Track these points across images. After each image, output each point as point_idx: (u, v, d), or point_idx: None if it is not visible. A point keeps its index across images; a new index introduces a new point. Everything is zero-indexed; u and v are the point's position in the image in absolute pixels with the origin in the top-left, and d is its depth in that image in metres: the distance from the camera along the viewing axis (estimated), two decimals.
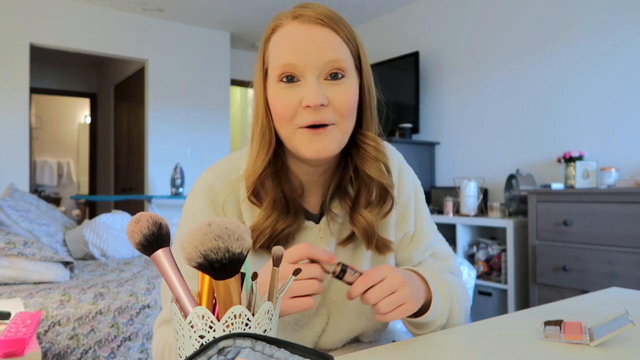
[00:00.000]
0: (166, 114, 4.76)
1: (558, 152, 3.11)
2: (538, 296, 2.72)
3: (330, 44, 0.71)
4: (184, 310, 0.52)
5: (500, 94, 3.52)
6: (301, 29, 0.71)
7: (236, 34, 5.13)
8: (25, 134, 4.07)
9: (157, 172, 4.69)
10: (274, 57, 0.73)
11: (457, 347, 0.70)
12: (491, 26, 3.59)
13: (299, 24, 0.72)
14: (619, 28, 2.88)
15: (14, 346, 1.07)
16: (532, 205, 2.74)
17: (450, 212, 3.38)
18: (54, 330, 1.53)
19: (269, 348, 0.45)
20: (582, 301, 0.97)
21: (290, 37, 0.71)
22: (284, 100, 0.71)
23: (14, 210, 2.27)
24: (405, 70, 3.99)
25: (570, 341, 0.69)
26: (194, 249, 0.47)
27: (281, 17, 0.75)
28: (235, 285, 0.50)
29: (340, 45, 0.72)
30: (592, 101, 3.00)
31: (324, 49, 0.70)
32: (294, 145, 0.74)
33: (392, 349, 0.70)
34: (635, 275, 2.32)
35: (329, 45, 0.71)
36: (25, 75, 4.06)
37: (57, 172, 7.70)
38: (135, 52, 4.61)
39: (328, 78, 0.72)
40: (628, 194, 2.37)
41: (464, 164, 3.75)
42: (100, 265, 2.20)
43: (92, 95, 6.70)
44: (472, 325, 0.81)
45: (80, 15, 4.31)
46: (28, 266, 1.77)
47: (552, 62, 3.20)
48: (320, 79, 0.71)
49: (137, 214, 0.53)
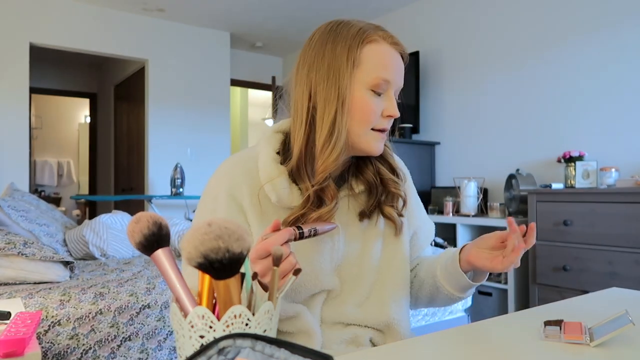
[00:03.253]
0: (166, 114, 4.76)
1: (558, 152, 3.11)
2: (538, 296, 2.72)
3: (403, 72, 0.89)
4: (184, 310, 0.52)
5: (501, 94, 3.52)
6: (394, 54, 0.86)
7: (236, 34, 5.13)
8: (25, 134, 4.07)
9: (157, 172, 4.69)
10: (373, 66, 0.84)
11: (457, 347, 0.70)
12: (491, 26, 3.59)
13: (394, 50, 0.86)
14: (619, 28, 2.88)
15: (14, 346, 1.06)
16: (532, 205, 2.74)
17: (450, 212, 3.38)
18: (54, 330, 1.53)
19: (269, 348, 0.45)
20: (582, 301, 0.97)
21: (389, 57, 0.85)
22: (373, 107, 0.84)
23: (14, 210, 2.27)
24: (405, 70, 3.99)
25: (570, 341, 0.69)
26: (194, 249, 0.47)
27: (372, 34, 0.85)
28: (235, 285, 0.50)
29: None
30: (592, 101, 3.00)
31: (402, 76, 0.89)
32: (362, 142, 0.86)
33: (392, 349, 0.71)
34: (635, 275, 2.32)
35: (403, 73, 0.89)
36: (25, 75, 4.06)
37: (57, 172, 7.70)
38: (135, 52, 4.61)
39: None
40: (628, 194, 2.37)
41: (464, 164, 3.75)
42: (100, 265, 2.20)
43: (92, 95, 6.70)
44: (472, 325, 0.82)
45: (80, 15, 4.31)
46: (28, 266, 1.77)
47: (552, 62, 3.20)
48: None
49: (137, 214, 0.53)
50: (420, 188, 3.76)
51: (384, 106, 0.85)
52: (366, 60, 0.83)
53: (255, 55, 5.75)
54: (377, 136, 0.86)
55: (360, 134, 0.85)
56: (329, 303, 0.88)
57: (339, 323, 0.88)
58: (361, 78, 0.83)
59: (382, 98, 0.85)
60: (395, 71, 0.85)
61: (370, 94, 0.83)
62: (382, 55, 0.84)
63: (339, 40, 0.84)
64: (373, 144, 0.86)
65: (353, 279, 0.89)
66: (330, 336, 0.87)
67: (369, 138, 0.85)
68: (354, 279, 0.89)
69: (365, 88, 0.83)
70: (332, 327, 0.88)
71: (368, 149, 0.86)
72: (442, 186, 3.77)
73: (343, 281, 0.88)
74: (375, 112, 0.84)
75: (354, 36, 0.84)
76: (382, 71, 0.83)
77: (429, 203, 3.72)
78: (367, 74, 0.83)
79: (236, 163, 0.89)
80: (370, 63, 0.83)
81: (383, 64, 0.84)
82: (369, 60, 0.83)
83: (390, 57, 0.85)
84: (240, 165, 0.88)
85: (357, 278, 0.89)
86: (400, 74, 0.87)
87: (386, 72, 0.84)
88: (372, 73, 0.83)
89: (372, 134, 0.85)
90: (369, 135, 0.85)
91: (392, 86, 0.85)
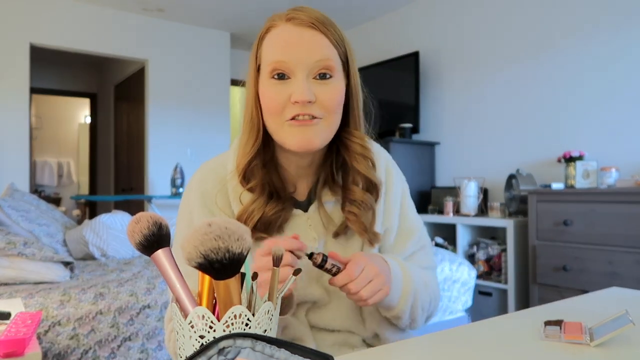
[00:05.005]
0: (166, 114, 4.76)
1: (558, 152, 3.11)
2: (538, 296, 2.72)
3: (319, 45, 0.76)
4: (184, 310, 0.52)
5: (501, 94, 3.52)
6: (293, 31, 0.76)
7: (236, 34, 5.13)
8: (25, 134, 4.07)
9: (157, 172, 4.69)
10: (266, 55, 0.78)
11: (457, 347, 0.70)
12: (491, 26, 3.59)
13: (292, 26, 0.76)
14: (619, 28, 2.88)
15: (14, 346, 1.07)
16: (532, 205, 2.74)
17: (450, 212, 3.38)
18: (54, 330, 1.53)
19: (269, 348, 0.45)
20: (582, 301, 0.97)
21: (283, 37, 0.76)
22: (273, 95, 0.76)
23: (14, 210, 2.27)
24: (405, 70, 3.99)
25: (570, 341, 0.69)
26: (194, 249, 0.47)
27: (275, 19, 0.79)
28: (235, 285, 0.50)
29: (328, 47, 0.77)
30: (592, 101, 3.00)
31: (314, 50, 0.76)
32: (280, 137, 0.79)
33: (392, 349, 0.71)
34: (635, 275, 2.32)
35: (318, 46, 0.76)
36: (25, 75, 4.06)
37: (57, 172, 7.70)
38: (135, 52, 4.61)
39: (317, 77, 0.77)
40: (628, 194, 2.37)
41: (464, 164, 3.75)
42: (100, 265, 2.20)
43: (92, 95, 6.70)
44: (472, 325, 0.82)
45: (80, 15, 4.31)
46: (28, 266, 1.77)
47: (553, 62, 3.20)
48: (310, 77, 0.76)
49: (137, 214, 0.53)
50: (420, 188, 3.76)
51: (291, 92, 0.75)
52: (263, 52, 0.79)
53: None
54: (293, 129, 0.76)
55: (276, 128, 0.78)
56: (315, 311, 0.86)
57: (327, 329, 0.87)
58: (262, 72, 0.79)
59: (288, 83, 0.76)
60: (293, 48, 0.75)
61: (271, 83, 0.77)
62: (275, 38, 0.77)
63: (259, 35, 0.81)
64: (288, 138, 0.77)
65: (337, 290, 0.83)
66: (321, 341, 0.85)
67: (286, 131, 0.77)
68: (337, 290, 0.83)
69: (266, 79, 0.78)
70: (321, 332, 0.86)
71: (285, 144, 0.78)
72: (442, 186, 3.77)
73: (328, 292, 0.85)
74: (274, 99, 0.76)
75: (262, 29, 0.80)
76: (275, 55, 0.76)
77: (429, 203, 3.72)
78: (264, 66, 0.78)
79: (207, 173, 0.86)
80: (265, 53, 0.78)
81: (275, 46, 0.76)
82: (265, 51, 0.78)
83: (286, 35, 0.76)
84: (211, 175, 0.86)
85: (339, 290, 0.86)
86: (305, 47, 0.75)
87: (278, 54, 0.76)
88: (266, 62, 0.77)
89: (287, 125, 0.77)
90: (285, 128, 0.77)
91: (295, 67, 0.75)
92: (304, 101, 0.74)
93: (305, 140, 0.76)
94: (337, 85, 0.79)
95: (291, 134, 0.77)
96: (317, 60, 0.75)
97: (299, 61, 0.75)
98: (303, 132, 0.76)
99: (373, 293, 0.74)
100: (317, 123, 0.77)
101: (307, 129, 0.76)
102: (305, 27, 0.76)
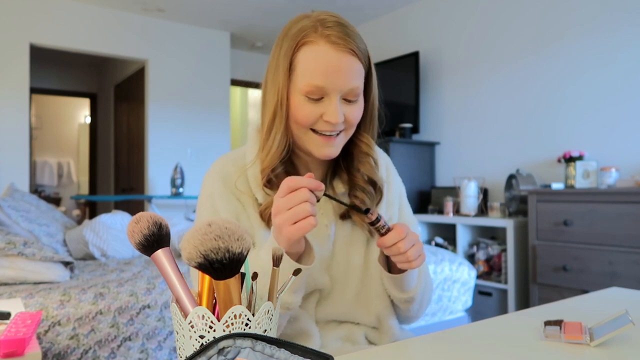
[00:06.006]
0: (166, 114, 4.76)
1: (558, 152, 3.11)
2: (538, 296, 2.72)
3: (355, 73, 0.81)
4: (184, 310, 0.52)
5: (501, 94, 3.52)
6: (334, 56, 0.79)
7: (236, 34, 5.13)
8: (25, 134, 4.07)
9: (157, 172, 4.69)
10: (304, 71, 0.80)
11: (457, 347, 0.70)
12: (491, 26, 3.59)
13: (333, 51, 0.79)
14: (619, 28, 2.88)
15: (14, 346, 1.07)
16: (532, 205, 2.74)
17: (450, 212, 3.38)
18: (54, 330, 1.53)
19: (269, 348, 0.45)
20: (582, 301, 0.97)
21: (324, 61, 0.79)
22: (307, 113, 0.81)
23: (14, 210, 2.27)
24: (405, 70, 3.99)
25: (570, 341, 0.69)
26: (194, 249, 0.47)
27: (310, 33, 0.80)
28: (235, 285, 0.50)
29: (360, 73, 0.82)
30: (592, 101, 3.00)
31: (350, 78, 0.80)
32: (304, 143, 0.85)
33: (392, 349, 0.71)
34: (635, 275, 2.32)
35: (354, 75, 0.81)
36: (25, 75, 4.06)
37: (57, 172, 7.70)
38: (135, 52, 4.61)
39: (345, 99, 0.82)
40: (628, 194, 2.37)
41: (464, 164, 3.75)
42: (100, 265, 2.20)
43: (92, 95, 6.70)
44: (472, 325, 0.82)
45: (80, 15, 4.31)
46: (28, 266, 1.77)
47: (553, 62, 3.20)
48: (340, 99, 0.82)
49: (137, 214, 0.53)
50: (420, 188, 3.76)
51: (323, 111, 0.80)
52: (299, 65, 0.80)
53: (255, 55, 5.75)
54: (319, 140, 0.83)
55: (299, 135, 0.84)
56: (322, 302, 0.89)
57: (332, 321, 0.90)
58: (295, 83, 0.81)
59: (321, 103, 0.81)
60: (332, 74, 0.78)
61: (304, 100, 0.80)
62: (314, 59, 0.79)
63: (285, 40, 0.82)
64: (312, 147, 0.84)
65: (342, 277, 0.90)
66: (326, 334, 0.88)
67: (311, 140, 0.83)
68: (342, 277, 0.90)
69: (299, 94, 0.80)
70: (327, 326, 0.89)
71: (313, 152, 0.84)
72: (442, 186, 3.77)
73: (333, 280, 0.90)
74: (308, 117, 0.81)
75: (293, 37, 0.81)
76: (313, 77, 0.79)
77: (429, 203, 3.72)
78: (300, 80, 0.80)
79: (227, 161, 0.91)
80: (303, 68, 0.80)
81: (315, 69, 0.78)
82: (302, 66, 0.80)
83: (326, 59, 0.78)
84: (231, 163, 0.91)
85: (345, 276, 0.90)
86: (343, 75, 0.79)
87: (318, 78, 0.78)
88: (303, 79, 0.79)
89: (313, 136, 0.83)
90: (310, 137, 0.83)
91: (331, 91, 0.79)
92: (337, 123, 0.80)
93: (328, 152, 0.84)
94: (361, 103, 0.85)
95: (315, 144, 0.83)
96: (351, 88, 0.80)
97: (336, 87, 0.79)
98: (327, 144, 0.83)
99: (417, 255, 0.78)
100: (339, 137, 0.84)
101: (331, 141, 0.83)
102: (344, 52, 0.79)
